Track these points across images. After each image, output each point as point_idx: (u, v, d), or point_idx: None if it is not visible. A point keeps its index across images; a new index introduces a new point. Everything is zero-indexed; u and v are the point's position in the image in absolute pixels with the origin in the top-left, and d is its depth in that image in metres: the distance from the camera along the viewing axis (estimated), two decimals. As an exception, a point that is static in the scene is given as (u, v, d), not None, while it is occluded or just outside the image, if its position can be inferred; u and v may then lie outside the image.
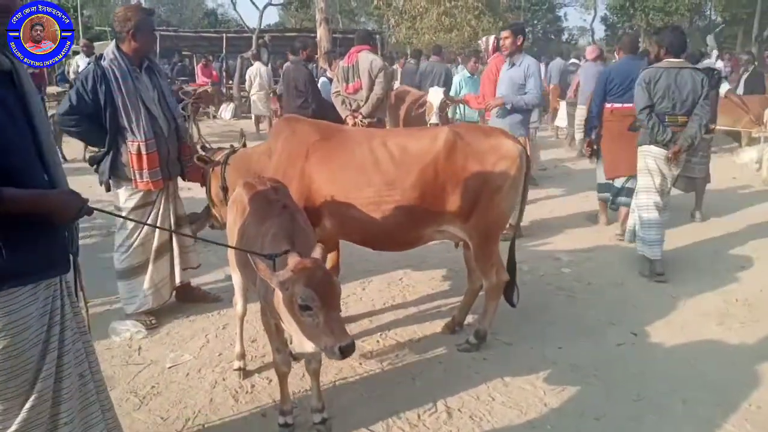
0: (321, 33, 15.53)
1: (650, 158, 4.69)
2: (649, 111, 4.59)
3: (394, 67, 12.82)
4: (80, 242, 2.11)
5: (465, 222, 3.29)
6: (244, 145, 4.01)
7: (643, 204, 4.82)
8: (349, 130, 3.68)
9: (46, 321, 1.91)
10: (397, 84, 10.22)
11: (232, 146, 4.01)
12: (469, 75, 8.43)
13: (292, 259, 2.19)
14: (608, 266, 5.07)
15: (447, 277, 4.82)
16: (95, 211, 2.01)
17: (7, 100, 1.79)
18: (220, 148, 4.09)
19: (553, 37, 44.28)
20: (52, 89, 14.05)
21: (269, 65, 13.97)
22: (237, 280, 3.25)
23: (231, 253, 3.12)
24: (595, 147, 5.90)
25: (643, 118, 4.61)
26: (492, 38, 6.88)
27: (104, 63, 3.53)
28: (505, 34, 5.62)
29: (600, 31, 44.36)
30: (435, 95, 6.80)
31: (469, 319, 3.90)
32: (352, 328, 3.89)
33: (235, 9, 26.15)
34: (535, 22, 42.81)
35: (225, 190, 3.80)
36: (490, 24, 25.34)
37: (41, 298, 1.89)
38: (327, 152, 3.45)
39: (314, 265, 2.14)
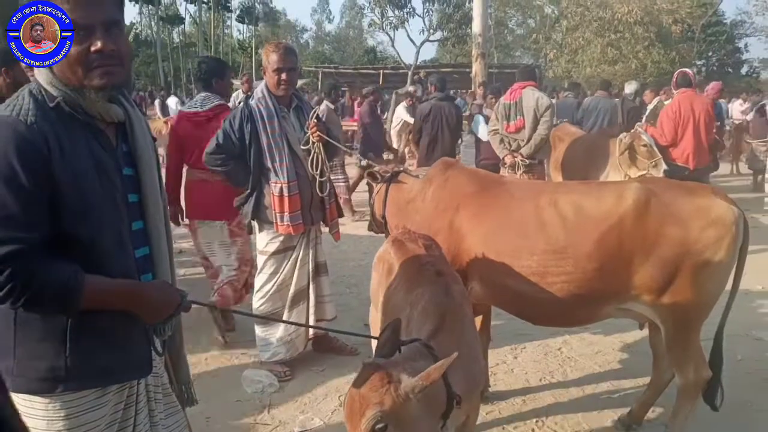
0: (476, 68, 15.27)
1: None
2: None
3: (553, 101, 12.05)
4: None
5: (656, 301, 2.59)
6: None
7: None
8: (511, 183, 3.15)
9: (115, 430, 1.58)
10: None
11: (396, 168, 3.69)
12: None
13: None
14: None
15: (617, 350, 4.06)
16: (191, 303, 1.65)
17: (107, 165, 1.48)
18: (386, 164, 3.80)
19: (730, 70, 40.04)
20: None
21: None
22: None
23: (372, 313, 2.81)
24: None
25: None
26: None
27: (252, 102, 3.45)
28: None
29: (790, 62, 39.53)
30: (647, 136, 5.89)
31: (651, 413, 3.17)
32: (501, 407, 3.34)
33: (393, 46, 27.02)
34: (710, 53, 39.07)
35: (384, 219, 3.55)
36: (661, 56, 23.52)
37: (111, 403, 1.55)
38: (482, 208, 2.97)
39: (382, 382, 1.60)
